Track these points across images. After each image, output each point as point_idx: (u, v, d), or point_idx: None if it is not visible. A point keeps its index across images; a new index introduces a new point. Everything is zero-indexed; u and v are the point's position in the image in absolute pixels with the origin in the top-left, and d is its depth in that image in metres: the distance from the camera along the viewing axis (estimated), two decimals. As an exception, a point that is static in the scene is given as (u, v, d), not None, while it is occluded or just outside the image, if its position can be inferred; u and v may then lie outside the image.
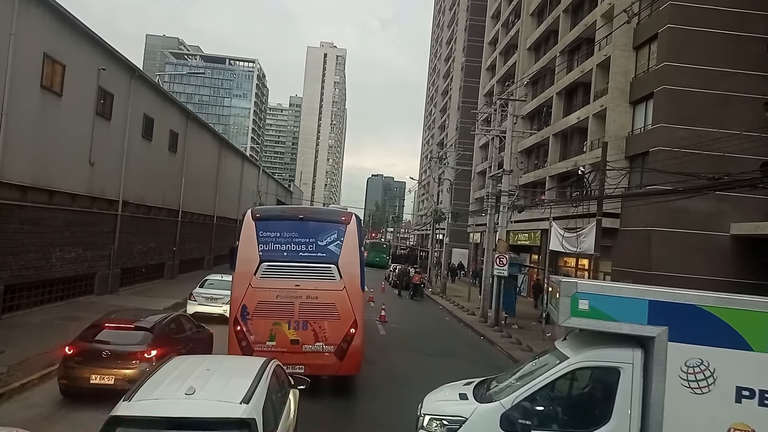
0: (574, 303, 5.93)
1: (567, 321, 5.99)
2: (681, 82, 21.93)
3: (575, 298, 5.94)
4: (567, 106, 31.44)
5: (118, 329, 9.17)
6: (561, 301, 6.01)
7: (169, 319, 10.09)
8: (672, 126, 21.75)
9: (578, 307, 5.93)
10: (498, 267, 21.08)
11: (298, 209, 12.33)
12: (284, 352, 9.51)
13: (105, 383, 8.52)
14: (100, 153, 19.03)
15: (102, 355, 8.62)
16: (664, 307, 5.73)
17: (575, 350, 6.23)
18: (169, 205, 26.67)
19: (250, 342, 9.80)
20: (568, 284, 6.07)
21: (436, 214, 41.55)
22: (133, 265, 23.03)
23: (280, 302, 9.91)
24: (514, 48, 43.39)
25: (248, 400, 4.92)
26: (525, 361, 7.93)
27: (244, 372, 5.70)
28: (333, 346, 9.96)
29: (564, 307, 5.97)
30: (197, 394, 4.87)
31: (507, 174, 21.73)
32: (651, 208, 20.96)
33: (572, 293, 5.96)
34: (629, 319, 5.79)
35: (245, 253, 10.21)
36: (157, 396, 4.94)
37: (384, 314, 20.51)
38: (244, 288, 9.96)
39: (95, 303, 18.28)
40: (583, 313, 5.92)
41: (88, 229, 18.74)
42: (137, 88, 21.72)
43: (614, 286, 6.07)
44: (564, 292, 6.00)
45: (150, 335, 9.06)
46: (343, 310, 10.02)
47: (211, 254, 35.49)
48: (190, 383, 5.05)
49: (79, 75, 17.27)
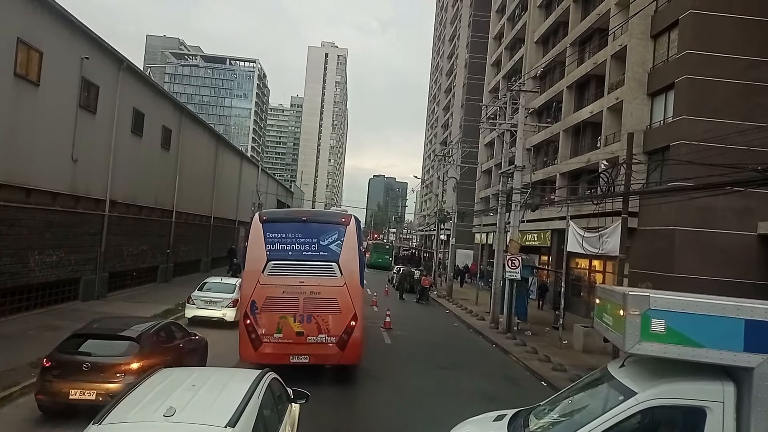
0: (646, 323, 4.65)
1: (637, 347, 4.66)
2: (704, 71, 20.58)
3: (647, 317, 4.64)
4: (578, 100, 30.09)
5: (101, 339, 8.43)
6: (628, 320, 4.67)
7: (158, 327, 9.23)
8: (694, 118, 20.40)
9: (651, 329, 4.63)
10: (510, 270, 19.75)
11: (301, 212, 13.47)
12: (290, 343, 10.50)
13: (86, 398, 7.71)
14: (85, 149, 17.75)
15: (83, 367, 7.81)
16: (766, 329, 4.39)
17: (642, 382, 4.89)
18: (162, 205, 25.38)
19: (259, 334, 10.51)
20: (638, 298, 4.75)
21: (440, 214, 40.17)
22: (123, 268, 21.74)
23: (286, 297, 10.58)
24: (520, 42, 42.06)
25: (234, 423, 4.27)
26: (566, 389, 6.57)
27: (233, 388, 5.05)
28: (335, 338, 10.66)
29: (632, 328, 4.65)
30: (177, 416, 4.22)
31: (519, 170, 20.38)
32: (673, 206, 19.58)
33: (643, 310, 4.63)
34: (719, 345, 4.47)
35: (253, 252, 10.83)
36: (131, 418, 4.28)
37: (389, 320, 19.18)
38: (253, 285, 10.63)
39: (78, 310, 16.98)
40: (659, 337, 4.61)
41: (71, 230, 17.45)
42: (126, 81, 20.42)
43: (698, 300, 4.71)
44: (632, 307, 4.68)
45: (136, 345, 8.25)
46: (344, 304, 10.72)
47: (208, 256, 34.17)
48: (172, 402, 4.47)
49: (59, 63, 15.98)
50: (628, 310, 4.75)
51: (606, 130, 25.38)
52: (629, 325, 4.74)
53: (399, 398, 10.76)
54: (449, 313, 26.26)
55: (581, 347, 17.34)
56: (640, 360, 5.28)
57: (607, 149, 24.62)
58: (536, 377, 13.83)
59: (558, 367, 14.40)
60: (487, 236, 44.89)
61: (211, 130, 34.44)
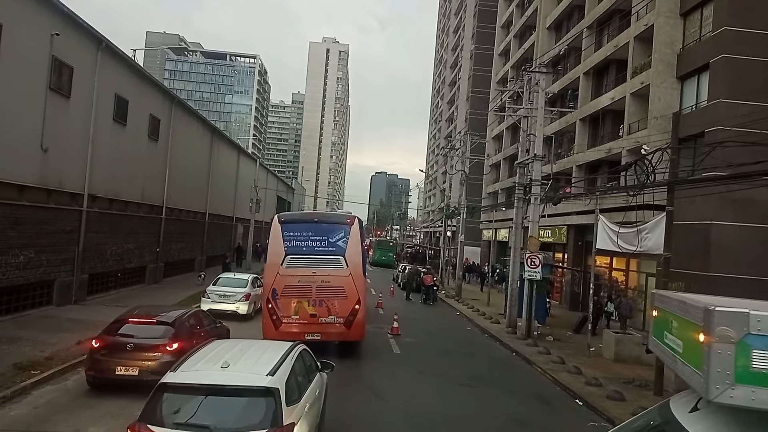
0: (744, 355, 3.07)
1: (729, 395, 3.01)
2: (743, 49, 18.69)
3: (745, 347, 3.03)
4: (596, 87, 28.13)
5: (141, 323, 9.60)
6: (713, 351, 3.05)
7: (189, 314, 10.64)
8: (732, 101, 18.49)
9: (752, 365, 3.07)
10: (530, 269, 17.88)
11: (313, 214, 16.44)
12: (305, 323, 12.53)
13: (129, 374, 9.00)
14: (57, 137, 15.91)
15: (127, 347, 9.10)
16: None
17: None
18: (150, 200, 23.54)
19: (279, 316, 12.54)
20: (731, 316, 3.09)
21: (447, 209, 38.25)
22: (106, 269, 19.92)
23: (301, 285, 12.59)
24: (530, 29, 40.10)
25: (273, 373, 5.63)
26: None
27: (271, 352, 6.34)
28: (342, 319, 12.66)
29: (720, 363, 3.04)
30: (231, 368, 5.64)
31: (539, 160, 18.50)
32: (710, 199, 17.68)
33: (740, 335, 2.99)
34: None
35: (274, 248, 12.96)
36: (197, 368, 5.71)
37: (396, 326, 17.34)
38: (274, 275, 12.71)
39: (50, 317, 15.19)
40: (765, 379, 2.96)
41: (42, 227, 15.62)
42: (106, 63, 18.56)
43: None
44: (720, 331, 3.03)
45: (171, 329, 9.50)
46: (350, 291, 12.72)
47: (202, 255, 32.33)
48: (226, 359, 5.79)
49: (22, 39, 14.11)
50: (712, 334, 3.10)
51: (629, 117, 23.45)
52: (716, 360, 3.16)
53: (411, 426, 8.91)
54: (459, 315, 24.38)
55: (612, 356, 15.48)
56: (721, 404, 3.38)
57: (631, 138, 22.72)
58: (569, 394, 11.97)
59: (592, 381, 12.54)
60: (496, 232, 42.95)
61: (205, 122, 32.51)
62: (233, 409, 5.30)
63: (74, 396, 9.20)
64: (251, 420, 5.17)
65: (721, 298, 3.90)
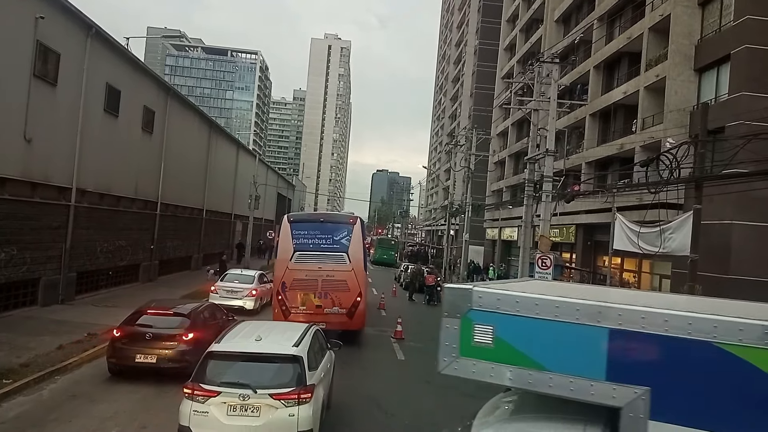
0: (467, 329, 3.50)
1: (454, 366, 3.58)
2: (767, 40, 17.73)
3: (468, 321, 3.48)
4: (607, 81, 27.21)
5: (159, 315, 10.26)
6: (443, 326, 3.67)
7: (204, 307, 11.38)
8: (755, 94, 17.58)
9: (474, 339, 3.49)
10: (540, 270, 16.98)
11: (319, 214, 18.67)
12: (311, 314, 13.38)
13: (148, 362, 9.58)
14: (42, 126, 15.01)
15: (146, 337, 9.68)
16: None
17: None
18: (144, 195, 22.64)
19: (288, 306, 13.66)
20: (456, 291, 3.71)
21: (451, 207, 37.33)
22: (96, 267, 19.02)
23: (308, 279, 13.70)
24: (537, 23, 39.12)
25: (298, 344, 7.05)
26: None
27: (293, 331, 7.77)
28: (345, 310, 13.75)
29: (448, 337, 3.67)
30: (264, 341, 7.06)
31: (551, 155, 17.58)
32: (730, 198, 16.75)
33: (464, 311, 3.49)
34: (568, 367, 3.12)
35: (284, 245, 14.19)
36: (236, 341, 7.20)
37: (400, 329, 16.45)
38: (283, 269, 13.89)
39: (32, 318, 14.31)
40: (484, 352, 3.42)
41: (25, 223, 14.72)
42: (96, 51, 17.64)
43: (542, 297, 3.23)
44: (447, 305, 3.68)
45: (187, 320, 10.13)
46: (352, 284, 13.85)
47: (199, 253, 31.42)
48: (258, 334, 7.24)
49: (1, 20, 13.21)
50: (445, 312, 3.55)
51: (643, 112, 22.53)
52: (445, 334, 3.57)
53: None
54: (465, 316, 23.46)
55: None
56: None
57: (645, 133, 21.79)
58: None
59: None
60: (500, 231, 42.06)
61: (203, 115, 31.55)
62: (267, 372, 6.62)
63: (48, 409, 8.42)
64: (282, 380, 6.51)
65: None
